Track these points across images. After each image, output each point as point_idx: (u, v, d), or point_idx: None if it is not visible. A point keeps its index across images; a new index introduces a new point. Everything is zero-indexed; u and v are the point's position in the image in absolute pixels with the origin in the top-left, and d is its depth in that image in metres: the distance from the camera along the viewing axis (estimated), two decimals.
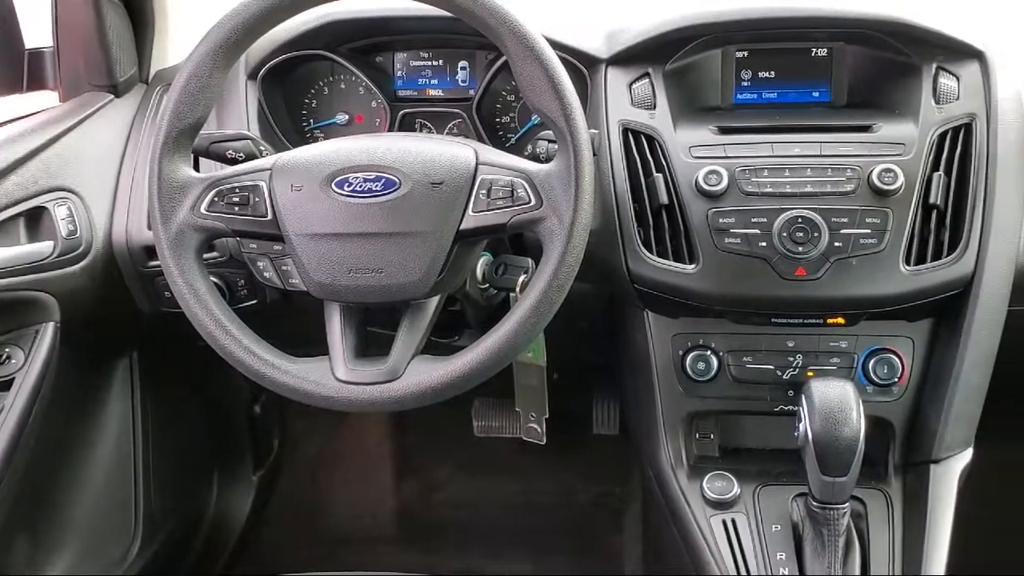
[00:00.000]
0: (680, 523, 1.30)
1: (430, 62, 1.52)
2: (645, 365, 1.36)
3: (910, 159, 1.23)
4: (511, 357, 1.09)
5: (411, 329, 1.12)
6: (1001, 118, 1.26)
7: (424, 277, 1.08)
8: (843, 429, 1.12)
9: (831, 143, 1.26)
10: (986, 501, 1.65)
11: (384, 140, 1.14)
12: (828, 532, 1.16)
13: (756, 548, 1.23)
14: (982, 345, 1.26)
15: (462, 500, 2.30)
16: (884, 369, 1.29)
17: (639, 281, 1.28)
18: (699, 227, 1.24)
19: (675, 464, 1.34)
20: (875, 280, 1.21)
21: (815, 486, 1.15)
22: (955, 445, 1.27)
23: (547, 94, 1.06)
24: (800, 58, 1.39)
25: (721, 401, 1.34)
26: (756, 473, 1.32)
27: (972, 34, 1.31)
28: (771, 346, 1.32)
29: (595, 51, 1.37)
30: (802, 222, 1.21)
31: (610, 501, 2.22)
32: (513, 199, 1.07)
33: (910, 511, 1.25)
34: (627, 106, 1.33)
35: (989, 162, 1.24)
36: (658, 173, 1.27)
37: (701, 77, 1.40)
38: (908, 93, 1.30)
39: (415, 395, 1.08)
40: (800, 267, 1.21)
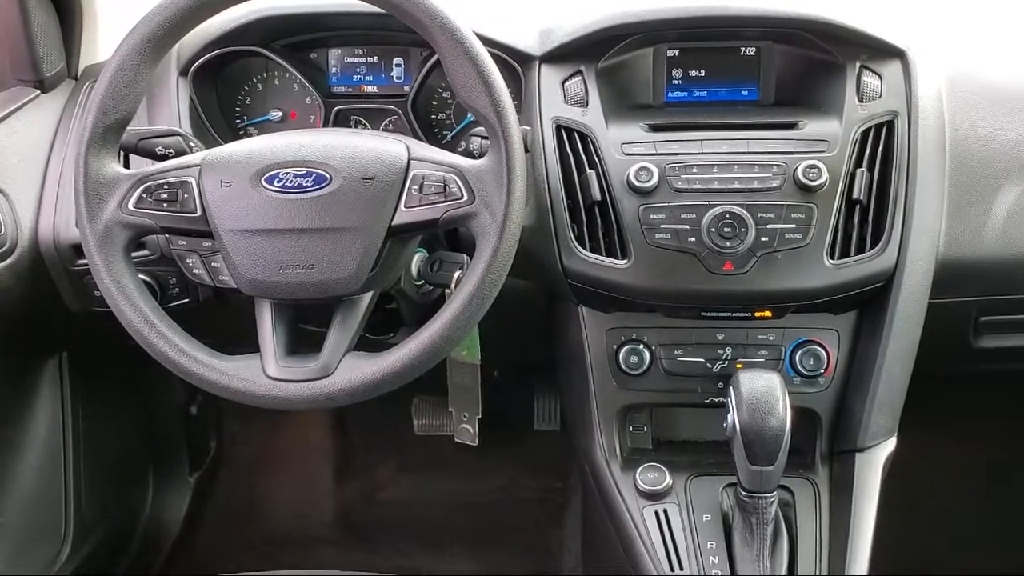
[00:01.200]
0: (614, 514, 1.31)
1: (365, 59, 1.51)
2: (580, 359, 1.38)
3: (834, 156, 1.26)
4: (444, 353, 1.09)
5: (343, 325, 1.12)
6: (922, 116, 1.30)
7: (356, 273, 1.08)
8: (770, 419, 1.14)
9: (758, 140, 1.28)
10: (910, 488, 1.70)
11: (315, 136, 1.14)
12: (756, 521, 1.18)
13: (687, 538, 1.25)
14: (904, 337, 1.29)
15: (403, 499, 2.29)
16: (810, 361, 1.32)
17: (573, 276, 1.30)
18: (630, 223, 1.26)
19: (609, 456, 1.36)
20: (800, 274, 1.24)
21: (743, 476, 1.17)
22: (879, 434, 1.30)
23: (478, 90, 1.07)
24: (729, 57, 1.41)
25: (654, 394, 1.36)
26: (688, 464, 1.34)
27: (895, 34, 1.35)
28: (701, 339, 1.34)
29: (528, 48, 1.38)
30: (730, 217, 1.23)
31: (552, 496, 2.24)
32: (445, 194, 1.08)
33: (836, 499, 1.28)
34: (560, 103, 1.34)
35: (910, 159, 1.27)
36: (591, 170, 1.29)
37: (633, 75, 1.41)
38: (833, 91, 1.33)
39: (347, 392, 1.07)
40: (728, 261, 1.24)
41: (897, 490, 1.38)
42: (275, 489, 2.31)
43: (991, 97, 1.38)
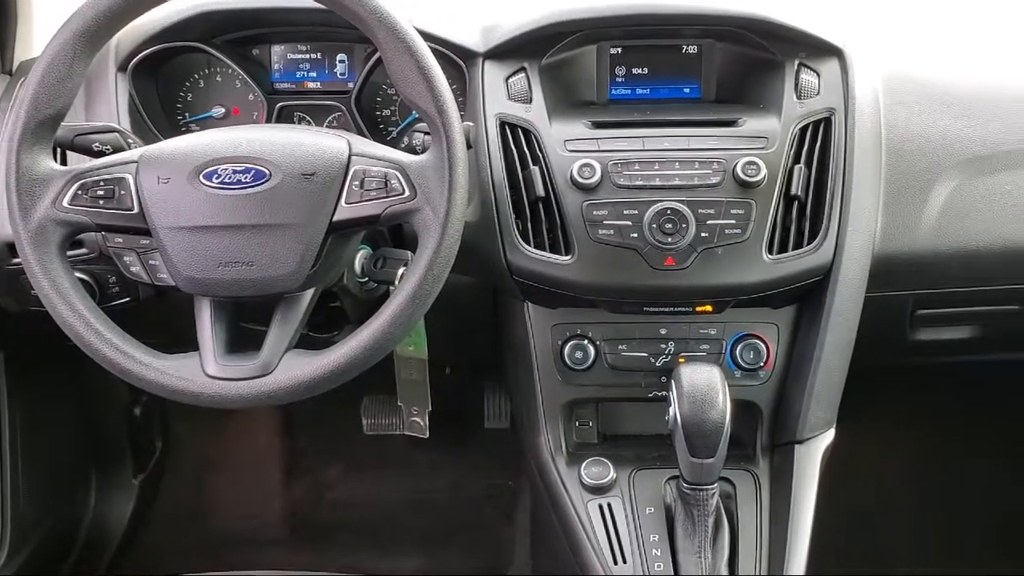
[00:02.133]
0: (558, 509, 1.32)
1: (308, 55, 1.50)
2: (525, 355, 1.38)
3: (772, 152, 1.28)
4: (387, 349, 1.09)
5: (284, 323, 1.11)
6: (858, 113, 1.32)
7: (296, 270, 1.08)
8: (710, 412, 1.15)
9: (698, 137, 1.30)
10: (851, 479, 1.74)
11: (254, 131, 1.13)
12: (698, 512, 1.20)
13: (630, 530, 1.26)
14: (841, 330, 1.31)
15: (353, 499, 2.28)
16: (750, 354, 1.34)
17: (517, 272, 1.30)
18: (574, 219, 1.27)
19: (555, 451, 1.37)
20: (739, 269, 1.26)
21: (685, 468, 1.18)
22: (818, 426, 1.33)
23: (419, 86, 1.07)
24: (672, 55, 1.43)
25: (598, 389, 1.37)
26: (632, 458, 1.36)
27: (832, 32, 1.37)
28: (644, 334, 1.36)
29: (472, 45, 1.38)
30: (671, 213, 1.24)
31: (502, 494, 2.24)
32: (387, 190, 1.08)
33: (776, 490, 1.30)
34: (504, 100, 1.34)
35: (847, 155, 1.30)
36: (534, 166, 1.29)
37: (577, 72, 1.42)
38: (772, 89, 1.35)
39: (288, 390, 1.07)
40: (669, 257, 1.25)
41: (839, 481, 1.40)
42: (222, 490, 2.29)
43: (925, 94, 1.41)
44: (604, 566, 1.24)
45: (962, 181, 1.35)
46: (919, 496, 2.17)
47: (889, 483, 2.17)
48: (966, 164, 1.36)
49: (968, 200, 1.35)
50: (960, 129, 1.38)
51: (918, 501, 2.17)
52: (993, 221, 1.35)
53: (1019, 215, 1.36)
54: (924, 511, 2.15)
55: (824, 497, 1.35)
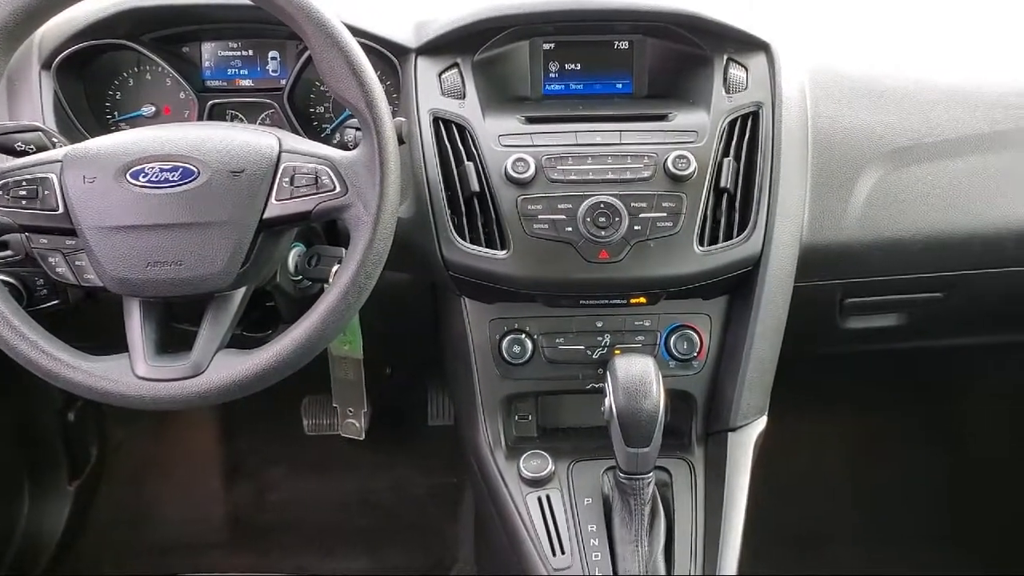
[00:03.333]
0: (497, 503, 1.33)
1: (240, 52, 1.49)
2: (463, 351, 1.39)
3: (702, 146, 1.29)
4: (320, 347, 1.09)
5: (215, 322, 1.10)
6: (785, 107, 1.35)
7: (226, 268, 1.07)
8: (644, 402, 1.17)
9: (630, 132, 1.31)
10: (786, 462, 1.77)
11: (182, 129, 1.12)
12: (635, 501, 1.21)
13: (568, 521, 1.27)
14: (771, 319, 1.34)
15: (296, 500, 2.27)
16: (684, 345, 1.36)
17: (453, 268, 1.31)
18: (509, 214, 1.27)
19: (494, 446, 1.37)
20: (672, 261, 1.27)
21: (621, 458, 1.20)
22: (750, 413, 1.35)
23: (348, 81, 1.07)
24: (604, 51, 1.44)
25: (537, 382, 1.38)
26: (571, 450, 1.37)
27: (760, 28, 1.39)
28: (581, 327, 1.37)
29: (404, 41, 1.38)
30: (604, 207, 1.25)
31: (446, 492, 2.25)
32: (317, 187, 1.07)
33: (711, 477, 1.32)
34: (437, 95, 1.34)
35: (774, 148, 1.32)
36: (469, 161, 1.30)
37: (510, 68, 1.43)
38: (701, 83, 1.37)
39: (220, 389, 1.06)
40: (603, 250, 1.26)
41: (777, 465, 1.43)
42: (162, 495, 2.26)
43: (850, 88, 1.44)
44: (543, 558, 1.25)
45: (885, 173, 1.39)
46: (854, 480, 2.23)
47: (826, 467, 2.22)
48: (889, 156, 1.39)
49: (891, 191, 1.39)
50: (884, 122, 1.41)
51: (853, 485, 2.22)
52: (915, 211, 1.39)
53: (940, 205, 1.40)
54: (859, 495, 2.20)
55: (762, 482, 1.38)
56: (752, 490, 1.34)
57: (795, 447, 2.12)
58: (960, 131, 1.43)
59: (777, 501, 2.01)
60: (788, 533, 2.09)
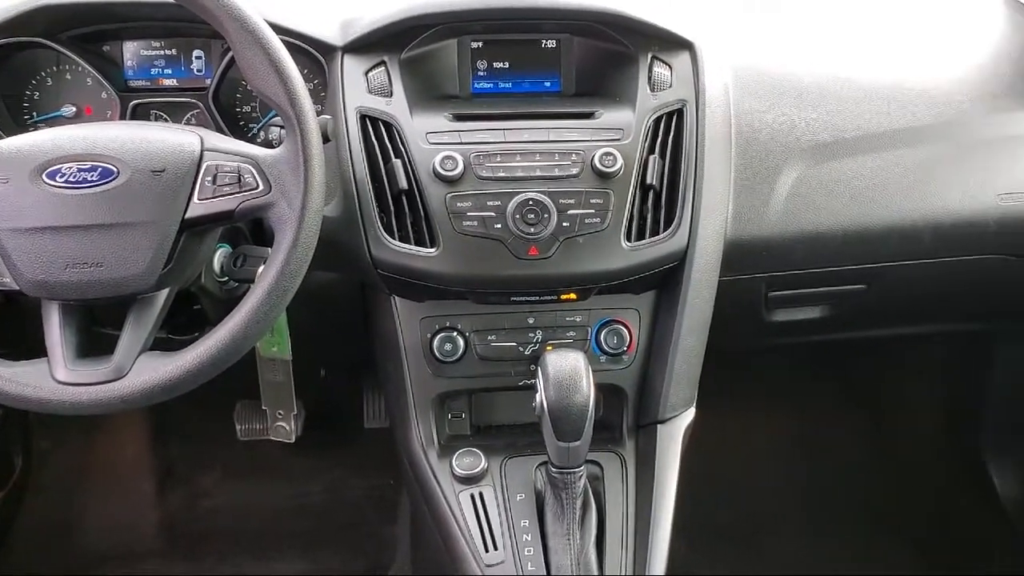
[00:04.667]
0: (431, 501, 1.33)
1: (163, 51, 1.46)
2: (394, 350, 1.38)
3: (628, 143, 1.31)
4: (246, 347, 1.08)
5: (137, 324, 1.08)
6: (709, 104, 1.37)
7: (148, 269, 1.05)
8: (575, 396, 1.18)
9: (558, 129, 1.32)
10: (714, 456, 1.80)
11: (100, 128, 1.09)
12: (566, 495, 1.22)
13: (501, 517, 1.28)
14: (697, 313, 1.36)
15: (230, 506, 2.24)
16: (614, 339, 1.38)
17: (382, 266, 1.30)
18: (438, 211, 1.27)
19: (426, 445, 1.37)
20: (600, 257, 1.29)
21: (552, 452, 1.21)
22: (678, 405, 1.37)
23: (271, 79, 1.06)
24: (532, 49, 1.45)
25: (469, 380, 1.39)
26: (504, 447, 1.37)
27: (683, 27, 1.41)
28: (513, 324, 1.37)
29: (330, 39, 1.37)
30: (533, 204, 1.26)
31: (383, 494, 2.24)
32: (240, 185, 1.07)
33: (641, 469, 1.34)
34: (364, 93, 1.34)
35: (699, 145, 1.34)
36: (397, 159, 1.29)
37: (438, 66, 1.43)
38: (627, 81, 1.39)
39: (142, 393, 1.04)
40: (533, 247, 1.27)
41: (710, 457, 1.46)
42: (92, 505, 2.21)
43: (773, 86, 1.47)
44: (475, 555, 1.25)
45: (806, 168, 1.42)
46: (786, 470, 2.27)
47: (758, 459, 2.26)
48: (810, 151, 1.43)
49: (812, 186, 1.42)
50: (805, 118, 1.45)
51: (786, 475, 2.26)
52: (835, 205, 1.42)
53: (859, 199, 1.43)
54: (791, 484, 2.25)
55: (696, 474, 1.40)
56: (687, 483, 1.36)
57: (729, 439, 2.16)
58: (879, 127, 1.47)
59: (712, 493, 2.05)
60: (723, 523, 2.13)
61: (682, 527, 1.34)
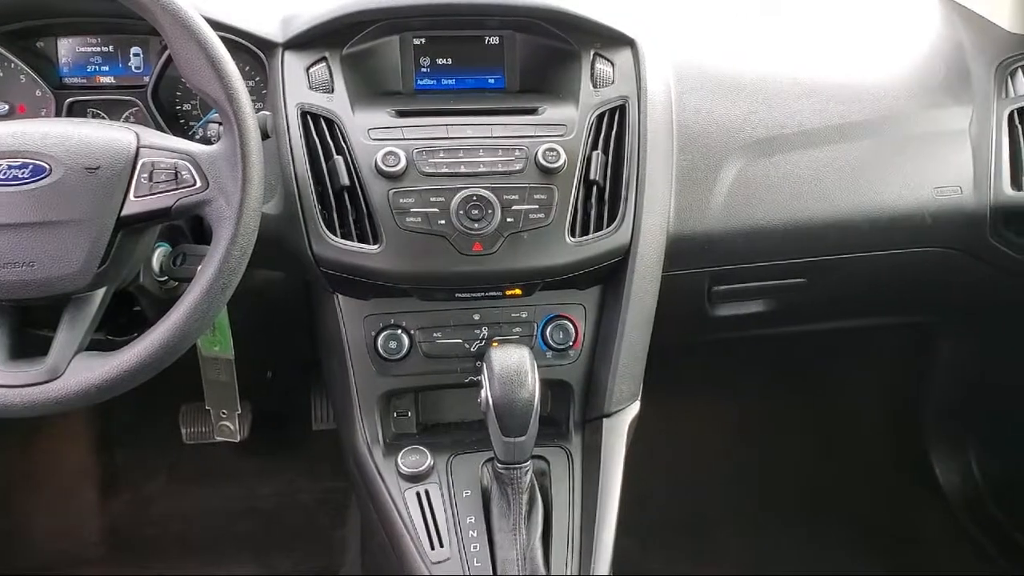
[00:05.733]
0: (376, 501, 1.32)
1: (99, 48, 1.44)
2: (338, 349, 1.37)
3: (571, 139, 1.32)
4: (184, 347, 1.06)
5: (72, 325, 1.06)
6: (651, 101, 1.38)
7: (83, 269, 1.03)
8: (520, 392, 1.18)
9: (501, 125, 1.32)
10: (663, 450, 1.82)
11: (32, 125, 1.07)
12: (512, 491, 1.22)
13: (447, 515, 1.27)
14: (641, 307, 1.37)
15: (178, 511, 2.20)
16: (560, 335, 1.38)
17: (324, 264, 1.29)
18: (380, 207, 1.27)
19: (371, 443, 1.36)
20: (544, 252, 1.29)
21: (498, 448, 1.21)
22: (624, 399, 1.37)
23: (207, 74, 1.05)
24: (475, 46, 1.44)
25: (414, 378, 1.38)
26: (450, 444, 1.37)
27: (625, 23, 1.42)
28: (458, 320, 1.37)
29: (270, 35, 1.36)
30: (477, 200, 1.26)
31: (333, 496, 2.22)
32: (177, 182, 1.05)
33: (588, 463, 1.34)
34: (305, 90, 1.33)
35: (641, 141, 1.35)
36: (338, 155, 1.29)
37: (381, 62, 1.42)
38: (570, 78, 1.39)
39: (78, 394, 1.02)
40: (477, 242, 1.27)
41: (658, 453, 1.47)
42: (34, 513, 2.16)
43: (714, 82, 1.49)
44: (421, 552, 1.24)
45: (747, 163, 1.44)
46: (733, 462, 2.30)
47: (706, 452, 2.29)
48: (750, 147, 1.45)
49: (752, 181, 1.44)
50: (745, 114, 1.46)
51: (733, 467, 2.29)
52: (774, 200, 1.45)
53: (798, 193, 1.45)
54: (738, 477, 2.27)
55: (644, 467, 1.41)
56: (636, 476, 1.37)
57: (678, 433, 2.18)
58: (817, 122, 1.49)
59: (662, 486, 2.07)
60: (673, 516, 2.15)
61: (632, 520, 1.35)
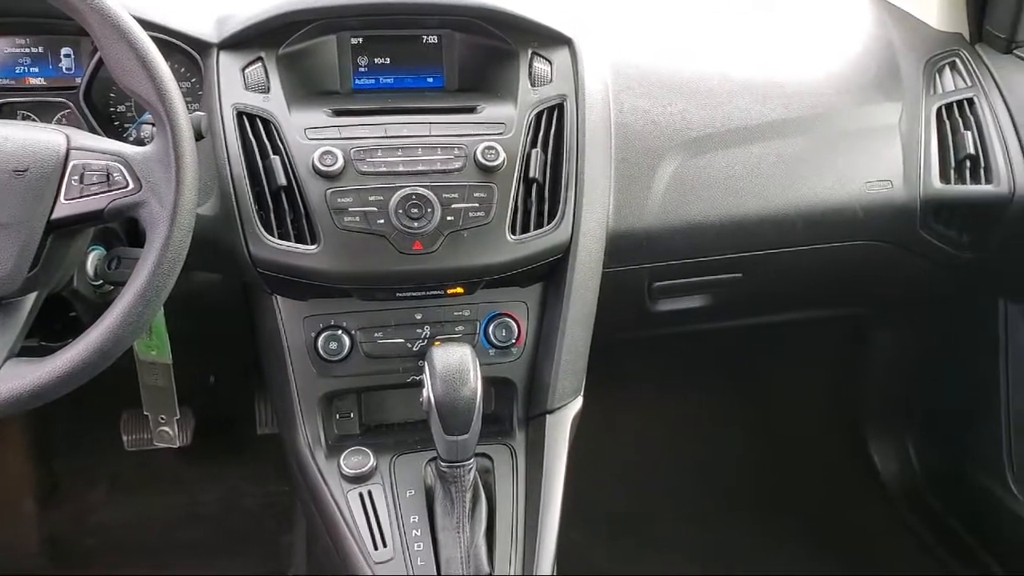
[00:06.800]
0: (319, 503, 1.31)
1: (28, 48, 1.41)
2: (278, 350, 1.36)
3: (510, 137, 1.32)
4: (118, 351, 1.04)
5: (3, 330, 1.04)
6: (589, 99, 1.39)
7: (12, 273, 1.01)
8: (462, 390, 1.18)
9: (440, 124, 1.33)
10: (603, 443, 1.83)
11: None
12: (456, 489, 1.22)
13: (391, 515, 1.27)
14: (582, 304, 1.38)
15: (121, 519, 2.17)
16: (503, 332, 1.38)
17: (262, 265, 1.28)
18: (318, 207, 1.26)
19: (313, 446, 1.35)
20: (485, 250, 1.29)
21: (440, 447, 1.21)
22: (566, 395, 1.38)
23: (138, 74, 1.04)
24: (413, 45, 1.44)
25: (356, 379, 1.37)
26: (393, 444, 1.36)
27: (562, 23, 1.43)
28: (400, 320, 1.37)
29: (205, 36, 1.35)
30: (416, 199, 1.26)
31: (279, 500, 2.20)
32: (109, 184, 1.04)
33: (531, 459, 1.35)
34: (241, 90, 1.32)
35: (579, 139, 1.36)
36: (275, 155, 1.28)
37: (318, 62, 1.41)
38: (508, 77, 1.40)
39: (9, 401, 1.00)
40: (416, 241, 1.27)
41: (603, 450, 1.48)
42: None
43: (651, 81, 1.50)
44: (364, 553, 1.24)
45: (684, 160, 1.46)
46: (677, 456, 2.32)
47: (652, 447, 2.31)
48: (687, 145, 1.47)
49: (689, 178, 1.46)
50: (681, 113, 1.49)
51: (677, 461, 2.32)
52: (710, 196, 1.47)
53: (734, 190, 1.48)
54: (683, 470, 2.30)
55: (589, 462, 1.42)
56: (582, 472, 1.38)
57: (622, 428, 2.20)
58: (752, 120, 1.52)
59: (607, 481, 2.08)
60: (619, 511, 2.16)
61: (579, 515, 1.36)
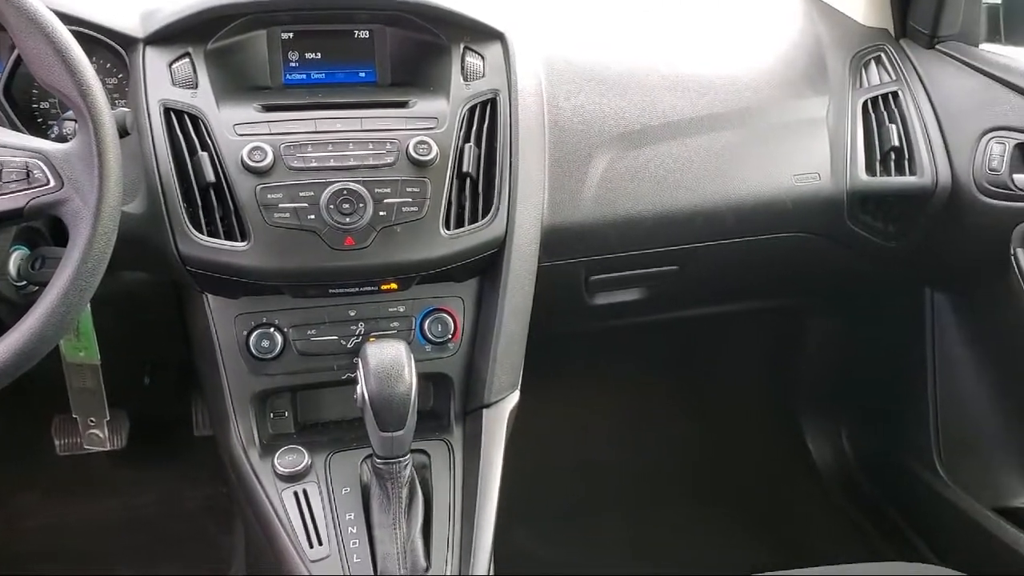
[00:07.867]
0: (253, 503, 1.30)
1: None
2: (209, 349, 1.34)
3: (443, 132, 1.32)
4: (41, 352, 1.02)
5: None
6: (521, 94, 1.40)
7: None
8: (397, 386, 1.17)
9: (371, 118, 1.32)
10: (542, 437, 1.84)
11: None
12: (392, 485, 1.22)
13: (326, 513, 1.26)
14: (518, 298, 1.38)
15: (55, 525, 2.12)
16: (439, 328, 1.38)
17: (191, 263, 1.26)
18: (247, 204, 1.25)
19: (247, 445, 1.33)
20: (419, 245, 1.29)
21: (376, 443, 1.20)
22: (503, 389, 1.39)
23: (57, 69, 1.01)
24: (344, 40, 1.43)
25: (289, 377, 1.36)
26: (329, 442, 1.35)
27: (494, 18, 1.43)
28: (333, 317, 1.36)
29: (130, 30, 1.32)
30: (347, 194, 1.25)
31: (218, 502, 2.17)
32: (29, 181, 1.01)
33: (469, 454, 1.35)
34: (168, 86, 1.29)
35: (513, 134, 1.36)
36: (203, 152, 1.26)
37: (248, 57, 1.39)
38: (441, 71, 1.39)
39: None
40: (349, 237, 1.26)
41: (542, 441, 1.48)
42: None
43: (583, 76, 1.51)
44: (299, 551, 1.23)
45: (616, 155, 1.47)
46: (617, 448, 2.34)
47: (591, 438, 2.32)
48: (619, 139, 1.48)
49: (622, 172, 1.47)
50: (613, 107, 1.50)
51: (617, 453, 2.33)
52: (643, 190, 1.48)
53: (666, 183, 1.50)
54: (623, 463, 2.32)
55: (529, 456, 1.42)
56: (521, 466, 1.39)
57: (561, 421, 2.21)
58: (684, 115, 1.54)
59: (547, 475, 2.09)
60: (560, 504, 2.17)
61: (518, 510, 1.37)
